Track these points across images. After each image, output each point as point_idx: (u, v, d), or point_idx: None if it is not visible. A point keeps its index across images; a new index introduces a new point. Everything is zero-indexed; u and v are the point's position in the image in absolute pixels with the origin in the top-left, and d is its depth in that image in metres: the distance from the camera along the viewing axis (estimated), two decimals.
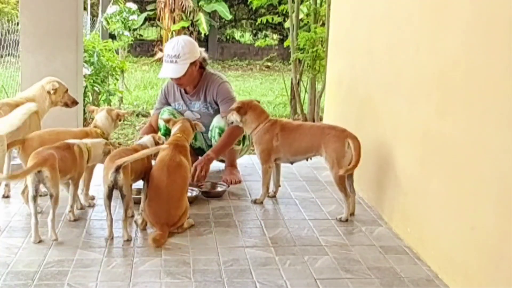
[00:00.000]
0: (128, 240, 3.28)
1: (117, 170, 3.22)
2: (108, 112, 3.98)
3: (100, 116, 3.97)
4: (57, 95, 4.12)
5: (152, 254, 3.16)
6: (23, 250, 3.16)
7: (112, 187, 3.26)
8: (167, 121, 3.92)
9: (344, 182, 3.73)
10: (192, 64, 4.25)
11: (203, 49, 4.43)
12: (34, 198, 3.20)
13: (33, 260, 3.02)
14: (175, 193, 3.42)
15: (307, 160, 4.03)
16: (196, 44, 4.38)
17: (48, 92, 4.09)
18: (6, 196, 4.01)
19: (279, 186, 4.18)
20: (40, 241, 3.24)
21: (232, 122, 4.06)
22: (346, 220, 3.71)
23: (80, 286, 2.77)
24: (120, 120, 4.06)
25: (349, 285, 2.87)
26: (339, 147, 3.69)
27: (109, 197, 3.29)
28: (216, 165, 4.78)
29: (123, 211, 3.31)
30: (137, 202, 3.67)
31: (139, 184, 4.30)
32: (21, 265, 2.97)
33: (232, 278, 2.89)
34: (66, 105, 4.22)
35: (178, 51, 4.20)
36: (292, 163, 4.08)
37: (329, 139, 3.75)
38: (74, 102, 4.27)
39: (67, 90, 4.20)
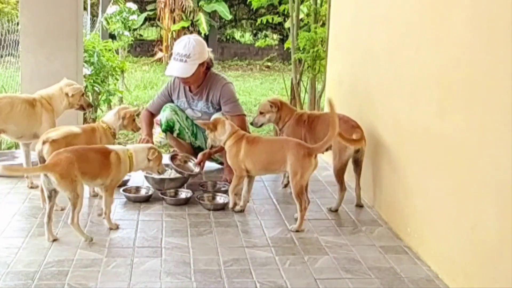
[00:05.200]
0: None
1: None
2: (118, 110, 4.09)
3: (109, 113, 4.14)
4: (74, 98, 4.24)
5: (152, 254, 3.16)
6: (23, 250, 3.16)
7: None
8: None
9: (342, 175, 3.87)
10: (200, 64, 4.27)
11: (210, 49, 4.45)
12: (49, 198, 3.24)
13: (33, 260, 3.02)
14: None
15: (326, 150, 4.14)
16: (205, 44, 4.41)
17: (66, 94, 4.21)
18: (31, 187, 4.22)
19: None
20: (54, 240, 3.27)
21: (262, 124, 4.19)
22: (336, 211, 3.87)
23: (80, 286, 2.77)
24: (128, 118, 4.06)
25: (349, 285, 2.87)
26: (341, 141, 3.79)
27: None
28: (216, 165, 4.80)
29: None
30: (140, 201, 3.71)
31: (137, 182, 4.31)
32: (21, 265, 2.97)
33: (232, 278, 2.89)
34: (82, 108, 4.36)
35: (189, 51, 4.20)
36: None
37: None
38: (90, 105, 4.43)
39: (83, 94, 4.32)
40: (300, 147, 3.57)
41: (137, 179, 4.32)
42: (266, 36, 17.79)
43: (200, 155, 4.33)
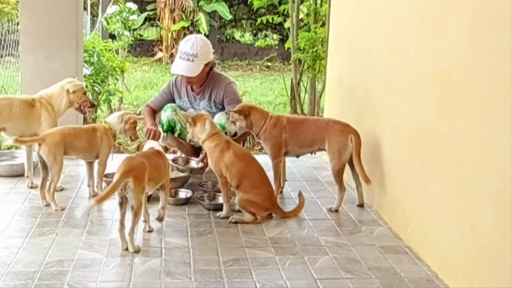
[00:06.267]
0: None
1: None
2: (122, 114, 4.07)
3: (113, 114, 4.15)
4: (75, 95, 4.21)
5: (152, 254, 3.16)
6: (23, 250, 3.16)
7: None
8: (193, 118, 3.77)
9: (342, 175, 3.89)
10: (205, 65, 4.29)
11: (212, 50, 4.47)
12: (121, 205, 3.14)
13: (33, 260, 3.02)
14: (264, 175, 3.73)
15: (311, 153, 4.18)
16: (211, 45, 4.44)
17: (67, 91, 4.19)
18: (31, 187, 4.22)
19: (286, 180, 4.31)
20: (127, 249, 3.15)
21: (236, 133, 4.04)
22: (336, 211, 3.88)
23: (80, 286, 2.77)
24: (130, 124, 4.02)
25: (349, 285, 2.87)
26: (341, 141, 3.85)
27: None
28: None
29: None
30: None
31: None
32: (21, 265, 2.97)
33: (232, 278, 2.89)
34: (82, 109, 4.29)
35: (196, 51, 4.22)
36: (298, 156, 4.18)
37: (333, 132, 3.90)
38: (92, 105, 4.38)
39: (85, 92, 4.30)
40: None
41: None
42: (266, 36, 17.79)
43: (203, 152, 4.32)
